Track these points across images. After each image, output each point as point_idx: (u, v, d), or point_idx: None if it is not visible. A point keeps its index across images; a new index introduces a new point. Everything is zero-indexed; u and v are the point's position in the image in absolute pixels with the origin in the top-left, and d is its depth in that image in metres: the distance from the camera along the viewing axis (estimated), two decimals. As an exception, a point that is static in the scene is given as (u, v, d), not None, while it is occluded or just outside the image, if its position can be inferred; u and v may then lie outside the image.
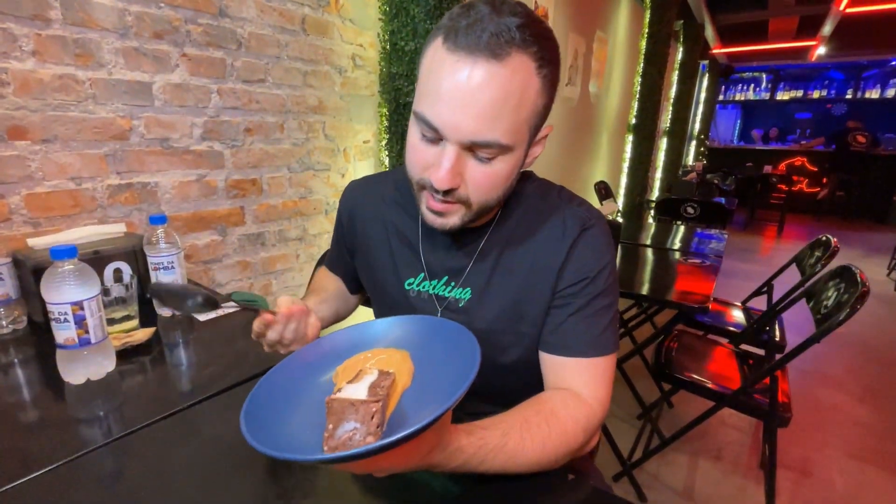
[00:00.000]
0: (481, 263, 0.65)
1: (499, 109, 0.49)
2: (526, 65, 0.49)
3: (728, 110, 9.14)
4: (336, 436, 0.36)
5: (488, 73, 0.47)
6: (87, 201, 1.04)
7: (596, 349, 0.60)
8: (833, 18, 5.38)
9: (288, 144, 1.47)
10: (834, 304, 1.21)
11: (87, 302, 0.68)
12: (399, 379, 0.44)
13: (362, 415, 0.36)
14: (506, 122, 0.50)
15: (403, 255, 0.70)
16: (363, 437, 0.36)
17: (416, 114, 0.53)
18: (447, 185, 0.52)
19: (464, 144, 0.51)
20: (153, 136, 1.14)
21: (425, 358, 0.48)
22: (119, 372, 0.74)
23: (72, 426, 0.62)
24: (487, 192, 0.55)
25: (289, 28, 1.40)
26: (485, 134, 0.50)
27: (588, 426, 0.56)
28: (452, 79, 0.48)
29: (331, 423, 0.37)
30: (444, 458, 0.44)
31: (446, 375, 0.43)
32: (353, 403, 0.36)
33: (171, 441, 0.59)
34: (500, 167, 0.54)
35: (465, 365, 0.41)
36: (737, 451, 1.69)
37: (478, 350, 0.42)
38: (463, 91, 0.48)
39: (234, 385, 0.70)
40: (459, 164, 0.52)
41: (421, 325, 0.53)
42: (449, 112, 0.49)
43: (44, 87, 0.94)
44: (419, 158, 0.55)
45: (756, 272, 3.89)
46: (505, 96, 0.48)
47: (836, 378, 2.28)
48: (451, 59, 0.48)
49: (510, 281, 0.63)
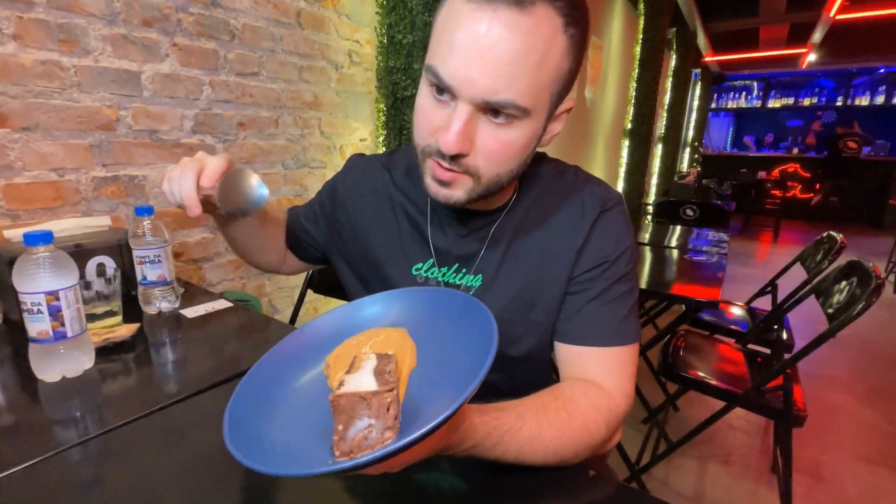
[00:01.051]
0: (493, 249, 0.60)
1: (518, 65, 0.44)
2: (552, 19, 0.44)
3: (720, 118, 9.23)
4: (348, 437, 0.31)
5: (509, 23, 0.42)
6: (71, 193, 0.99)
7: (617, 338, 0.56)
8: (823, 25, 5.45)
9: (283, 140, 1.43)
10: (846, 299, 1.18)
11: (64, 292, 0.63)
12: (402, 360, 0.39)
13: (376, 408, 0.31)
14: (525, 81, 0.45)
15: (413, 239, 0.65)
16: (380, 433, 0.31)
17: (428, 68, 0.48)
18: (456, 148, 0.46)
19: (477, 104, 0.45)
20: (141, 128, 1.09)
21: (427, 333, 0.43)
22: (98, 369, 0.68)
23: (44, 426, 0.56)
24: (499, 162, 0.50)
25: (284, 21, 1.36)
26: (501, 92, 0.44)
27: (610, 418, 0.51)
28: (468, 28, 0.43)
29: (340, 423, 0.31)
30: (457, 438, 0.39)
31: (455, 349, 0.38)
32: (364, 397, 0.31)
33: (152, 440, 0.53)
34: (515, 135, 0.48)
35: (476, 335, 0.37)
36: (746, 454, 1.64)
37: (490, 316, 0.38)
38: (479, 42, 0.43)
39: (221, 382, 0.65)
40: (470, 127, 0.47)
41: (417, 298, 0.48)
42: (463, 65, 0.44)
43: (25, 72, 0.90)
44: (427, 120, 0.50)
45: (755, 276, 3.88)
46: (526, 50, 0.43)
47: (840, 380, 2.24)
48: (468, 8, 0.43)
49: (523, 266, 0.59)
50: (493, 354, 0.33)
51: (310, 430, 0.36)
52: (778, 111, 8.58)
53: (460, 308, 0.43)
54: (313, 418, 0.37)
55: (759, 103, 8.69)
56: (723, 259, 1.66)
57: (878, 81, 7.47)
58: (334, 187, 0.72)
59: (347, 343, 0.45)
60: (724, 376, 1.36)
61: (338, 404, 0.32)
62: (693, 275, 1.55)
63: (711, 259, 1.68)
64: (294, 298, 1.55)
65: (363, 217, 0.68)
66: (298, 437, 0.36)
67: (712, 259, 1.68)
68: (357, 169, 0.71)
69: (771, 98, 8.56)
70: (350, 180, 0.71)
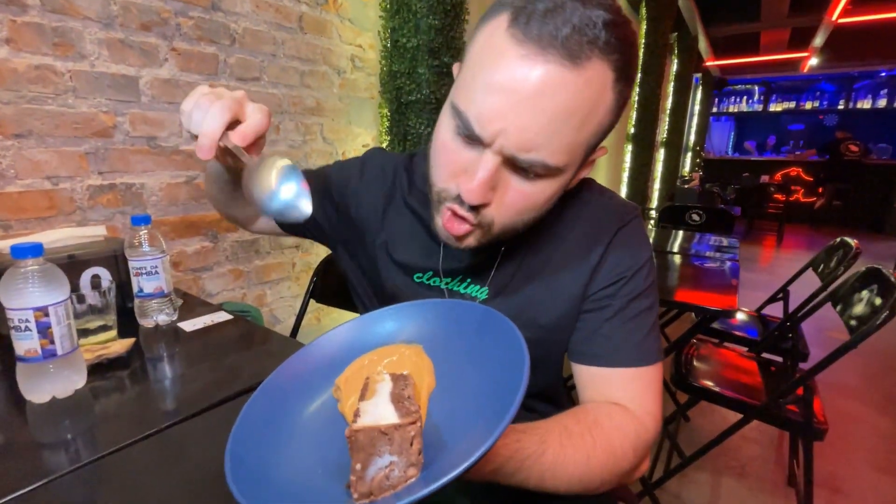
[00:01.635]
0: (506, 264, 0.57)
1: (559, 124, 0.40)
2: (603, 75, 0.39)
3: (722, 122, 9.23)
4: (367, 477, 0.28)
5: (558, 80, 0.38)
6: (65, 202, 0.96)
7: (641, 357, 0.52)
8: (825, 29, 5.45)
9: (284, 146, 1.40)
10: (867, 308, 1.15)
11: (54, 308, 0.59)
12: (420, 380, 0.35)
13: (398, 444, 0.28)
14: (562, 141, 0.41)
15: (424, 245, 0.61)
16: (402, 471, 0.28)
17: (455, 110, 0.43)
18: (478, 199, 0.43)
19: (506, 156, 0.41)
20: (139, 135, 1.06)
21: (444, 349, 0.39)
22: (91, 388, 0.64)
23: (32, 452, 0.53)
24: (517, 214, 0.46)
25: (285, 25, 1.34)
26: (532, 151, 0.40)
27: (638, 443, 0.48)
28: (511, 75, 0.38)
29: (358, 461, 0.28)
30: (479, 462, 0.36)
31: (476, 367, 0.35)
32: (385, 431, 0.28)
33: (149, 464, 0.50)
34: (541, 188, 0.44)
35: (499, 351, 0.33)
36: (761, 466, 1.60)
37: (515, 330, 0.35)
38: (521, 94, 0.38)
39: (221, 401, 0.61)
40: (496, 176, 0.42)
41: (430, 312, 0.44)
42: (497, 116, 0.39)
43: (18, 77, 0.87)
44: (450, 161, 0.45)
45: (760, 281, 3.84)
46: (570, 111, 0.39)
47: (854, 388, 2.20)
48: (515, 51, 0.38)
49: (534, 281, 0.56)
50: (526, 374, 0.29)
51: (321, 464, 0.33)
52: (779, 115, 8.58)
53: (479, 322, 0.39)
54: (324, 451, 0.34)
55: (760, 107, 8.70)
56: (735, 265, 1.62)
57: (879, 85, 7.47)
58: (348, 177, 0.66)
59: (359, 363, 0.41)
60: (739, 387, 1.32)
61: (355, 440, 0.28)
62: (705, 282, 1.51)
63: (723, 265, 1.64)
64: (296, 308, 1.51)
65: (375, 215, 0.64)
66: (309, 475, 0.32)
67: (724, 265, 1.64)
68: (377, 165, 0.66)
69: (772, 102, 8.56)
70: (369, 175, 0.66)
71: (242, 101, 0.43)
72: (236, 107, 0.42)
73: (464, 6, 1.48)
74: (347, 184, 0.66)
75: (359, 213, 0.65)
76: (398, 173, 0.64)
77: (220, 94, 0.42)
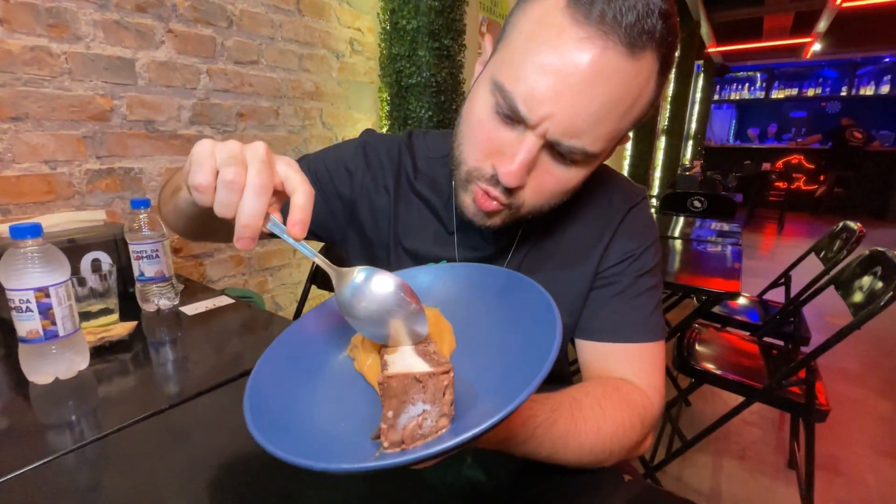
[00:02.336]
0: (520, 250, 0.57)
1: (606, 113, 0.39)
2: (652, 66, 0.39)
3: (723, 110, 9.15)
4: (399, 425, 0.27)
5: (615, 67, 0.37)
6: (63, 187, 0.95)
7: (646, 333, 0.53)
8: (829, 14, 5.38)
9: (283, 131, 1.38)
10: (869, 290, 1.14)
11: (54, 288, 0.59)
12: (440, 341, 0.35)
13: (432, 392, 0.27)
14: (606, 129, 0.40)
15: (436, 231, 0.59)
16: (435, 420, 0.27)
17: (498, 87, 0.40)
18: (517, 181, 0.41)
19: (548, 140, 0.40)
20: (137, 118, 1.05)
21: (464, 313, 0.38)
22: (93, 371, 0.64)
23: (36, 432, 0.52)
24: (549, 197, 0.45)
25: (283, 7, 1.32)
26: (576, 137, 0.39)
27: (645, 416, 0.48)
28: (568, 56, 0.36)
29: (390, 408, 0.27)
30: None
31: (500, 329, 0.34)
32: (419, 378, 0.27)
33: (151, 445, 0.50)
34: (574, 174, 0.44)
35: (525, 312, 0.32)
36: (762, 449, 1.61)
37: (541, 289, 0.34)
38: (576, 77, 0.37)
39: (223, 382, 0.61)
40: (534, 159, 0.41)
41: (448, 275, 0.43)
42: (549, 98, 0.38)
43: (13, 58, 0.85)
44: (487, 139, 0.43)
45: (761, 268, 3.84)
46: (618, 100, 0.38)
47: (853, 373, 2.20)
48: (573, 31, 0.36)
49: (548, 264, 0.56)
50: (559, 328, 0.29)
51: (343, 418, 0.32)
52: (781, 102, 8.50)
53: (503, 285, 0.38)
54: (345, 405, 0.33)
55: (762, 94, 8.61)
56: (737, 250, 1.61)
57: (883, 71, 7.39)
58: (353, 169, 0.61)
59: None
60: (741, 370, 1.32)
61: (388, 386, 0.28)
62: (708, 266, 1.50)
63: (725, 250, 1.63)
64: (297, 295, 1.51)
65: (385, 205, 0.61)
66: (331, 426, 0.31)
67: (726, 250, 1.63)
68: (379, 150, 0.62)
69: (774, 89, 8.48)
70: (374, 163, 0.61)
71: (272, 163, 0.34)
72: (270, 176, 0.33)
73: (464, -13, 1.45)
74: (353, 176, 0.61)
75: (368, 205, 0.61)
76: (403, 157, 0.61)
77: (243, 159, 0.33)
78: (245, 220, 0.32)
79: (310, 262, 1.51)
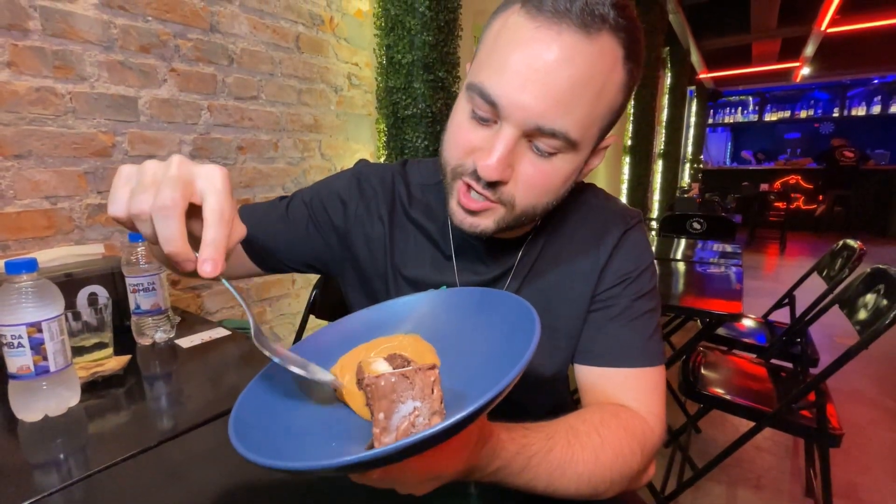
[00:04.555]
0: (518, 276, 0.57)
1: (577, 94, 0.40)
2: (614, 50, 0.41)
3: (718, 133, 9.31)
4: (392, 426, 0.27)
5: (574, 48, 0.39)
6: (63, 222, 0.96)
7: (644, 358, 0.52)
8: (815, 39, 5.53)
9: (282, 163, 1.41)
10: (874, 308, 1.13)
11: (47, 323, 0.58)
12: (422, 361, 0.34)
13: (420, 388, 0.27)
14: (580, 111, 0.41)
15: (433, 259, 0.59)
16: (427, 418, 0.27)
17: (472, 86, 0.43)
18: (497, 175, 0.42)
19: (526, 129, 0.41)
20: (138, 153, 1.07)
21: (444, 335, 0.38)
22: (84, 407, 0.63)
23: (21, 472, 0.51)
24: (539, 194, 0.46)
25: (283, 45, 1.36)
26: (554, 120, 0.40)
27: (645, 444, 0.46)
28: (528, 48, 0.40)
29: (380, 410, 0.27)
30: (486, 455, 0.35)
31: (482, 342, 0.35)
32: (406, 375, 0.27)
33: (141, 482, 0.48)
34: (559, 166, 0.45)
35: (504, 322, 0.33)
36: (777, 477, 1.55)
37: (515, 297, 0.35)
38: (538, 63, 0.39)
39: (219, 415, 0.60)
40: (514, 153, 0.43)
41: (425, 303, 0.43)
42: (517, 87, 0.40)
43: (19, 99, 0.88)
44: (465, 139, 0.45)
45: (765, 288, 3.80)
46: (587, 79, 0.40)
47: (866, 394, 2.15)
48: (529, 25, 0.40)
49: (545, 289, 0.56)
50: (537, 322, 0.29)
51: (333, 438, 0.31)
52: (775, 124, 8.65)
53: (478, 302, 0.39)
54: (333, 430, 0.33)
55: (755, 117, 8.78)
56: (739, 271, 1.60)
57: (872, 92, 7.54)
58: (345, 199, 0.61)
59: (354, 352, 0.40)
60: (750, 394, 1.29)
61: (376, 387, 0.27)
62: (709, 288, 1.49)
63: (726, 271, 1.62)
64: (296, 325, 1.50)
65: (381, 235, 0.60)
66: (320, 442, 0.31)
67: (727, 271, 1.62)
68: (373, 180, 0.62)
69: (767, 112, 8.64)
70: (368, 192, 0.61)
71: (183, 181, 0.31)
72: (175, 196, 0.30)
73: (457, 22, 1.50)
74: (346, 206, 0.61)
75: (362, 235, 0.61)
76: (396, 185, 0.62)
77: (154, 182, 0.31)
78: (166, 248, 0.30)
79: (308, 292, 1.50)
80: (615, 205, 0.59)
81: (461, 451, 0.31)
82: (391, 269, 0.60)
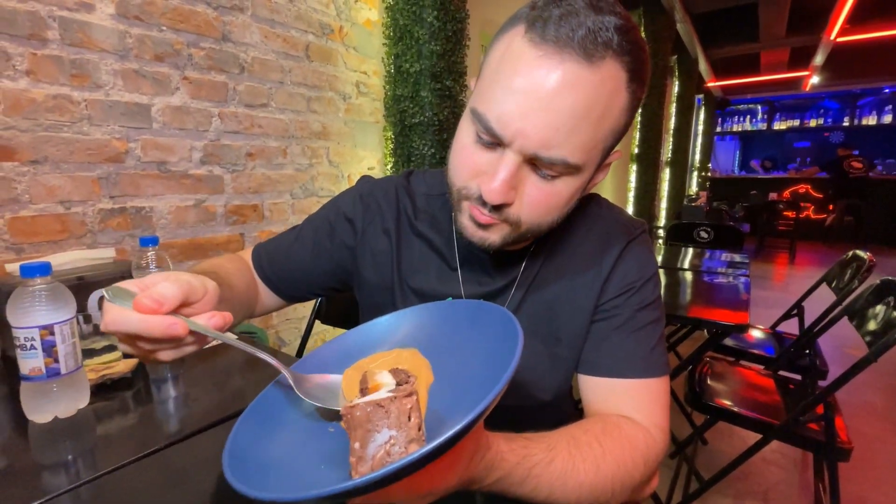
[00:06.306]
0: (522, 286, 0.57)
1: (578, 121, 0.41)
2: (617, 75, 0.41)
3: (726, 141, 9.27)
4: (368, 456, 0.27)
5: (575, 77, 0.39)
6: (76, 226, 0.98)
7: (648, 369, 0.52)
8: (824, 48, 5.51)
9: (291, 170, 1.42)
10: (884, 320, 1.11)
11: (59, 326, 0.59)
12: (418, 376, 0.35)
13: (395, 416, 0.27)
14: (581, 138, 0.42)
15: (439, 270, 0.60)
16: (403, 446, 0.27)
17: (475, 113, 0.44)
18: (500, 199, 0.43)
19: (528, 156, 0.42)
20: (150, 159, 1.09)
21: (441, 349, 0.39)
22: (93, 409, 0.64)
23: (31, 473, 0.52)
24: (542, 214, 0.47)
25: (293, 54, 1.38)
26: (554, 148, 0.41)
27: (648, 454, 0.46)
28: (530, 76, 0.40)
29: (356, 440, 0.27)
30: (485, 468, 0.35)
31: (475, 358, 0.35)
32: (381, 404, 0.27)
33: (148, 484, 0.49)
34: (562, 188, 0.45)
35: (495, 337, 0.33)
36: (785, 491, 1.53)
37: (503, 311, 0.35)
38: (540, 93, 0.40)
39: (224, 419, 0.61)
40: (517, 177, 0.43)
41: (420, 317, 0.44)
42: (517, 116, 0.41)
43: (36, 106, 0.90)
44: (470, 161, 0.46)
45: (774, 298, 3.76)
46: (588, 107, 0.41)
47: (876, 407, 2.11)
48: (532, 53, 0.40)
49: (549, 300, 0.56)
50: (520, 339, 0.29)
51: (323, 460, 0.32)
52: (784, 133, 8.59)
53: (472, 316, 0.39)
54: (325, 453, 0.33)
55: (764, 126, 8.73)
56: (746, 281, 1.59)
57: (884, 101, 7.48)
58: (351, 217, 0.64)
59: (353, 369, 0.40)
60: (757, 406, 1.28)
61: (352, 417, 0.27)
62: (716, 298, 1.48)
63: (734, 281, 1.61)
64: (301, 330, 1.51)
65: (387, 248, 0.62)
66: (311, 468, 0.31)
67: (735, 281, 1.61)
68: (376, 195, 0.64)
69: (776, 120, 8.59)
70: (373, 207, 0.63)
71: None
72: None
73: (464, 32, 1.52)
74: (354, 224, 0.63)
75: (368, 251, 0.63)
76: (401, 198, 0.63)
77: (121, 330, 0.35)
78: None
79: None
80: (619, 215, 0.59)
81: (452, 468, 0.31)
82: (398, 280, 0.61)
